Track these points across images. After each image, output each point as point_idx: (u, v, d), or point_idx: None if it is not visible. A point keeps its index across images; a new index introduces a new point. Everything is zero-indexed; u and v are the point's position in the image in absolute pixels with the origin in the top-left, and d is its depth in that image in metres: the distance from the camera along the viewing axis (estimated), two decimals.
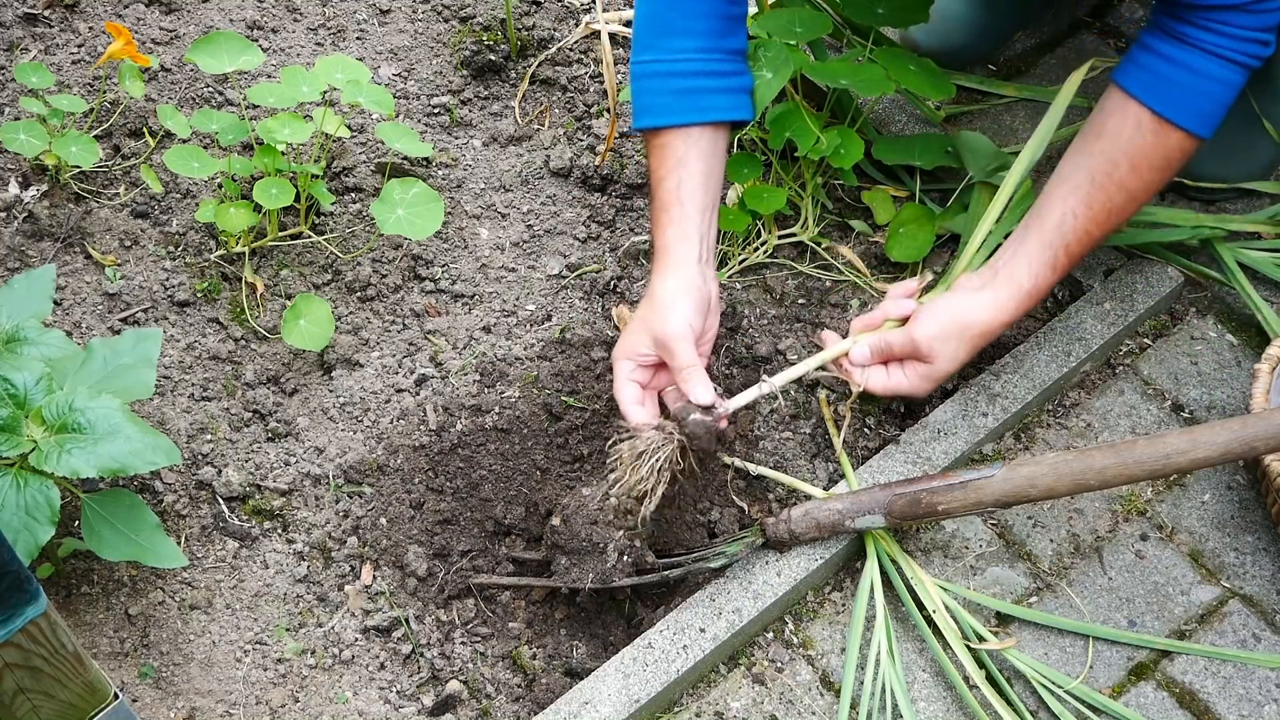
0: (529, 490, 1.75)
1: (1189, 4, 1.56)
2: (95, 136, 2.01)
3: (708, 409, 1.59)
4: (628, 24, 2.28)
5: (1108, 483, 1.57)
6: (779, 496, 1.77)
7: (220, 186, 2.01)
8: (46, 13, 2.23)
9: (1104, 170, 1.66)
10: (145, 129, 2.09)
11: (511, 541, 1.73)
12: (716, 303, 1.70)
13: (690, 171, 1.68)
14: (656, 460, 1.56)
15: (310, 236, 1.99)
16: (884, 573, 1.69)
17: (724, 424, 1.61)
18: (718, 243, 1.98)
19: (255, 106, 2.10)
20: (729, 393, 1.86)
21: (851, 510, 1.65)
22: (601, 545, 1.59)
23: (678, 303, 1.62)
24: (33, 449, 1.50)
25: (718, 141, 1.71)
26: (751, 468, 1.77)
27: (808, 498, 1.73)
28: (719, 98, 1.70)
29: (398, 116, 2.16)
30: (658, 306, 1.63)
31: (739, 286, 1.99)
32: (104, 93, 2.11)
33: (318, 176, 1.93)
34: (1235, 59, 1.59)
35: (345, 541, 1.74)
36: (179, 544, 1.70)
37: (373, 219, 1.94)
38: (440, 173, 2.11)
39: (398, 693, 1.63)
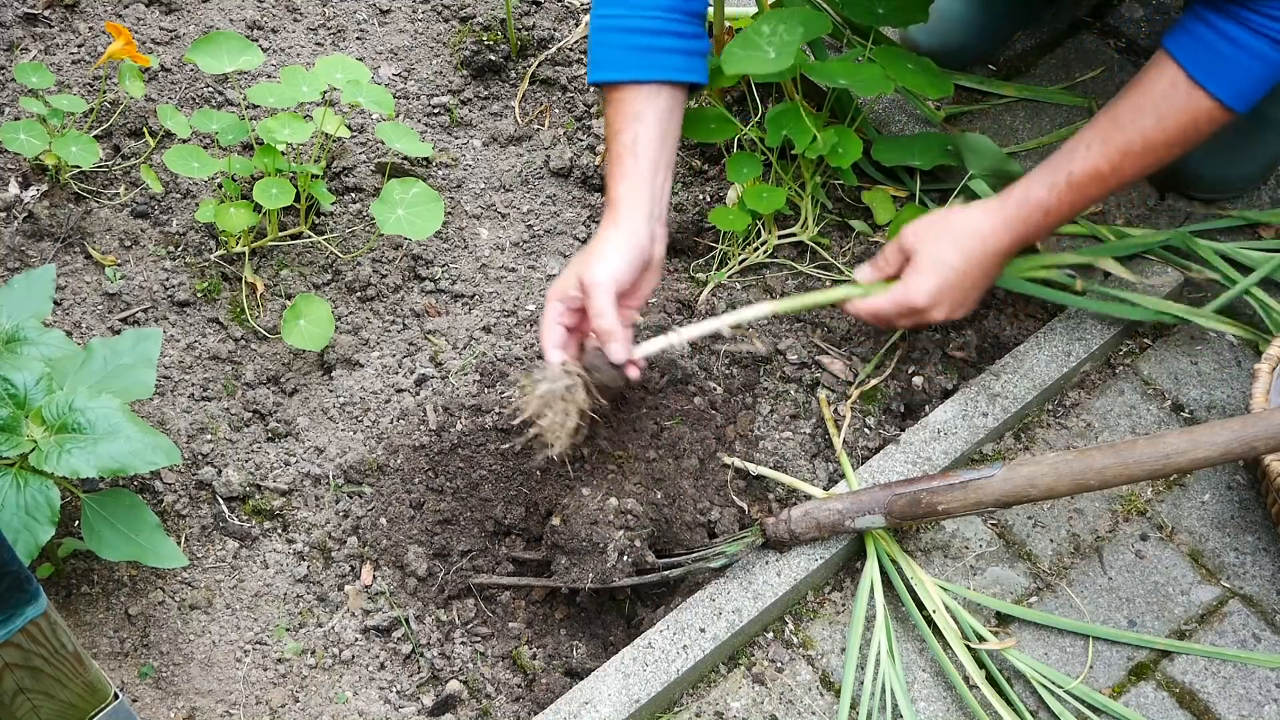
0: (529, 490, 1.75)
1: None
2: (95, 136, 2.01)
3: (617, 366, 1.58)
4: None
5: (1108, 483, 1.57)
6: (779, 496, 1.77)
7: (220, 186, 2.01)
8: (46, 13, 2.23)
9: (1129, 115, 1.66)
10: (145, 129, 2.09)
11: (511, 541, 1.73)
12: (659, 262, 1.68)
13: (646, 126, 1.67)
14: (559, 395, 1.57)
15: (310, 236, 2.00)
16: (884, 573, 1.69)
17: (633, 371, 1.61)
18: (670, 200, 1.96)
19: (255, 106, 2.10)
20: (729, 394, 1.86)
21: (851, 510, 1.65)
22: (601, 545, 1.59)
23: (609, 253, 1.61)
24: (33, 449, 1.50)
25: (675, 101, 1.70)
26: (752, 468, 1.77)
27: (808, 498, 1.73)
28: (678, 58, 1.70)
29: (398, 116, 2.16)
30: (591, 252, 1.63)
31: (739, 286, 1.98)
32: (104, 93, 2.11)
33: (318, 176, 1.93)
34: None
35: (345, 541, 1.74)
36: (179, 544, 1.70)
37: (373, 219, 1.94)
38: (440, 173, 2.11)
39: (398, 693, 1.63)
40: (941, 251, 1.69)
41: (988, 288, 1.76)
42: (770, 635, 1.68)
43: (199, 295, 1.93)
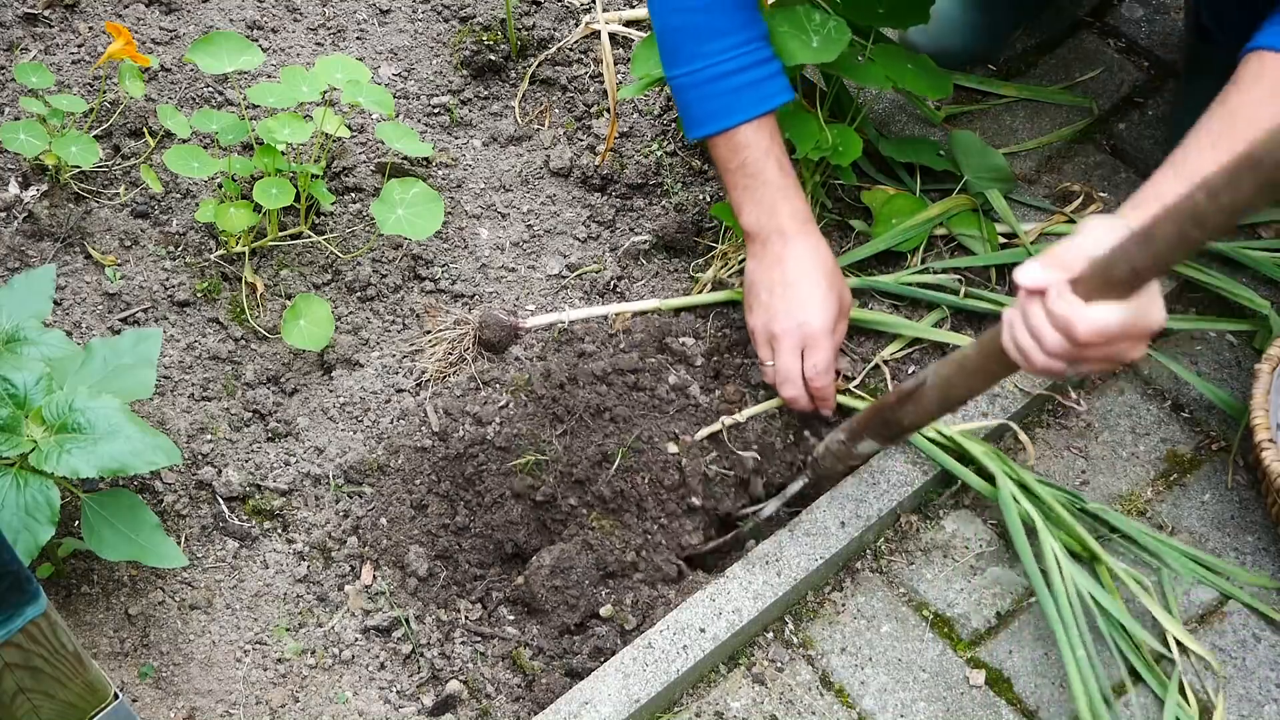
0: (538, 520, 1.74)
1: None
2: (95, 136, 2.01)
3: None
4: (628, 24, 2.28)
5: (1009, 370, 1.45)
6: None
7: (220, 186, 2.01)
8: (46, 13, 2.23)
9: (1243, 110, 1.46)
10: (145, 129, 2.09)
11: (520, 569, 1.73)
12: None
13: (783, 149, 1.74)
14: (453, 340, 1.87)
15: (310, 236, 2.00)
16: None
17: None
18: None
19: (255, 106, 2.10)
20: (724, 382, 1.86)
21: (851, 438, 1.65)
22: (561, 606, 1.66)
23: (821, 288, 1.72)
24: (33, 449, 1.50)
25: (775, 119, 1.77)
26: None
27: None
28: (776, 81, 1.73)
29: (398, 116, 2.16)
30: (820, 291, 1.72)
31: (738, 285, 1.98)
32: (104, 93, 2.11)
33: (318, 176, 1.93)
34: None
35: (345, 541, 1.74)
36: (179, 544, 1.70)
37: (373, 219, 1.94)
38: (440, 173, 2.11)
39: (398, 693, 1.63)
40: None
41: None
42: (770, 635, 1.68)
43: (199, 295, 1.93)
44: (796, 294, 1.71)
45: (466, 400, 1.81)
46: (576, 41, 2.29)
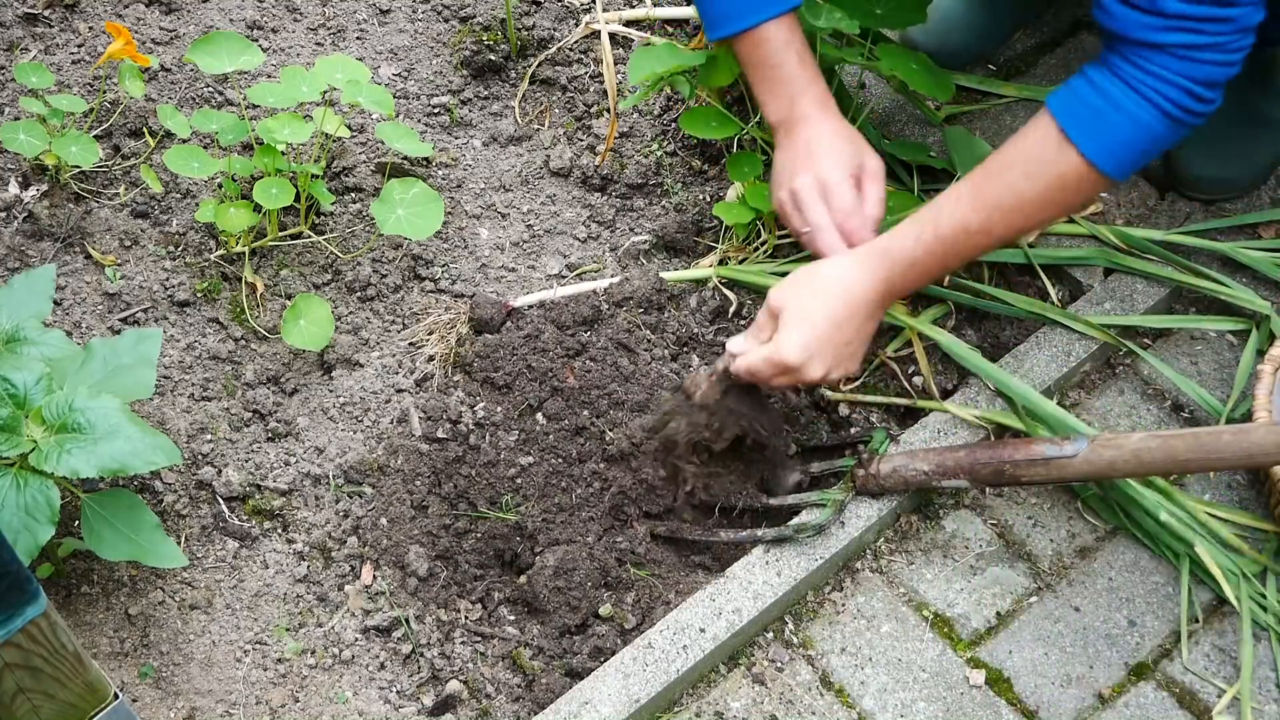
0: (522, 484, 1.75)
1: (1113, 33, 1.53)
2: (95, 136, 2.01)
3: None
4: (628, 24, 2.28)
5: (1187, 470, 1.54)
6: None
7: (220, 186, 2.01)
8: (46, 13, 2.23)
9: (1001, 165, 1.62)
10: (145, 129, 2.09)
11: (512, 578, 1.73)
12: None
13: (804, 42, 1.74)
14: (447, 323, 1.89)
15: (310, 236, 2.00)
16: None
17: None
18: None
19: (255, 106, 2.10)
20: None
21: (936, 472, 1.66)
22: (560, 608, 1.67)
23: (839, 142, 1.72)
24: (33, 449, 1.50)
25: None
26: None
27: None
28: None
29: (398, 116, 2.16)
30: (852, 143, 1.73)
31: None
32: (104, 93, 2.11)
33: (318, 176, 1.93)
34: (1154, 100, 1.52)
35: (345, 541, 1.74)
36: (179, 544, 1.70)
37: (373, 219, 1.94)
38: (440, 173, 2.11)
39: (398, 693, 1.63)
40: (806, 306, 1.60)
41: (866, 342, 1.66)
42: (770, 635, 1.68)
43: (199, 295, 1.93)
44: (812, 154, 1.72)
45: (451, 401, 1.81)
46: (576, 41, 2.29)
